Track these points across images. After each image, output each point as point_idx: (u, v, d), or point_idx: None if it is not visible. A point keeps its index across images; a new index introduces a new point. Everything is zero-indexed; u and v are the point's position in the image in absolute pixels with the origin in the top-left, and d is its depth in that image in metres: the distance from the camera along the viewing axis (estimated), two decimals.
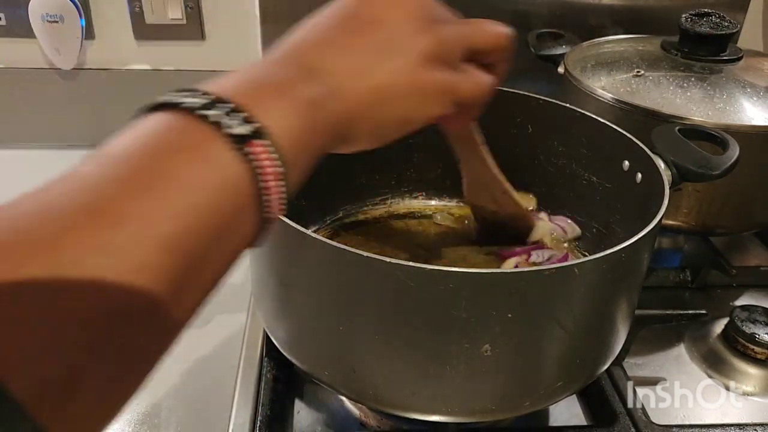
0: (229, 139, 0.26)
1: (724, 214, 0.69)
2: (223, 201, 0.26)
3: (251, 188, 0.27)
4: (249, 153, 0.26)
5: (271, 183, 0.27)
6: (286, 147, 0.28)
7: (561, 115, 0.62)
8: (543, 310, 0.41)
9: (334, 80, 0.32)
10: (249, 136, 0.27)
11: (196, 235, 0.25)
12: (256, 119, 0.27)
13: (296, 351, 0.49)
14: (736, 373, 0.61)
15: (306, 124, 0.30)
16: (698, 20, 0.72)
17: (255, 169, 0.27)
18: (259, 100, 0.28)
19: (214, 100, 0.27)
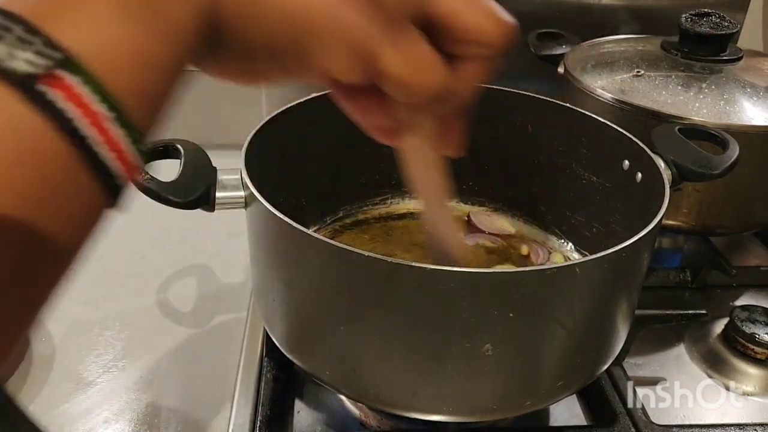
0: (12, 82, 0.18)
1: (724, 214, 0.69)
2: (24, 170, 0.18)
3: (61, 145, 0.19)
4: (46, 98, 0.18)
5: (95, 132, 0.19)
6: (109, 71, 0.19)
7: (561, 115, 0.62)
8: (543, 310, 0.41)
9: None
10: (41, 73, 0.18)
11: None
12: (54, 40, 0.18)
13: (297, 351, 0.49)
14: (736, 373, 0.61)
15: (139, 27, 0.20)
16: (698, 20, 0.72)
17: (61, 120, 0.18)
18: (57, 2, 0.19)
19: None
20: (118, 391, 0.56)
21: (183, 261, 0.73)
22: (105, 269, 0.71)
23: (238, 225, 0.52)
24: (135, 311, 0.65)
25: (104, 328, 0.63)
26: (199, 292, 0.69)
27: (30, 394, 0.56)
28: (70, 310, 0.64)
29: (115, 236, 0.75)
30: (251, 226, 0.49)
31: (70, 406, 0.55)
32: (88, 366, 0.59)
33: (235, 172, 0.49)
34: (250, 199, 0.47)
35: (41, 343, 0.60)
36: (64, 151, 0.19)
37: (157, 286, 0.69)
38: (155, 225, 0.75)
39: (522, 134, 0.65)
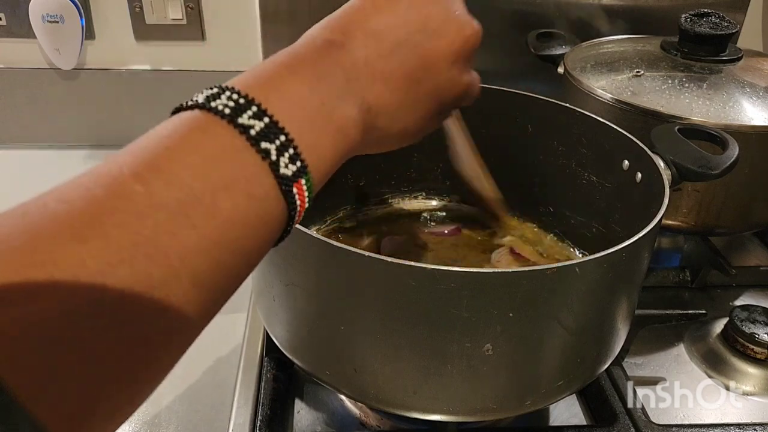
0: (279, 179, 0.27)
1: (724, 214, 0.69)
2: (257, 234, 0.27)
3: (285, 221, 0.28)
4: (293, 194, 0.28)
5: (299, 214, 0.29)
6: (317, 179, 0.29)
7: (561, 115, 0.62)
8: (544, 310, 0.41)
9: (378, 118, 0.34)
10: (294, 177, 0.28)
11: (224, 269, 0.26)
12: (302, 155, 0.28)
13: (297, 350, 0.49)
14: (736, 373, 0.61)
15: (337, 154, 0.31)
16: (698, 20, 0.72)
17: (292, 205, 0.28)
18: (306, 128, 0.29)
19: (269, 126, 0.27)
20: None
21: None
22: None
23: None
24: None
25: None
26: None
27: None
28: None
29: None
30: None
31: None
32: None
33: None
34: None
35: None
36: (282, 221, 0.28)
37: None
38: None
39: (522, 134, 0.65)
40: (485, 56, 0.94)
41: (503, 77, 0.94)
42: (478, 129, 0.67)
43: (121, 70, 0.94)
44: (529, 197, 0.69)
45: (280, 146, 0.27)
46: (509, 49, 0.92)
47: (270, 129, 0.27)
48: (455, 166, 0.62)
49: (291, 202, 0.28)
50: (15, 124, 0.97)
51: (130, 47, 0.93)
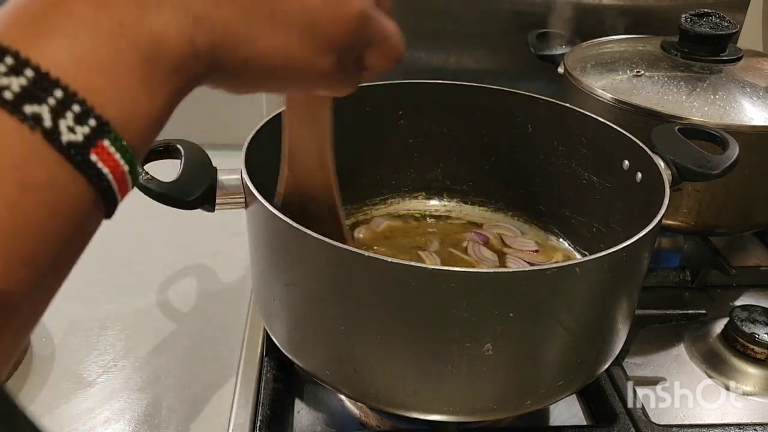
0: (63, 150, 0.20)
1: (724, 214, 0.69)
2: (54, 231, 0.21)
3: (95, 198, 0.22)
4: (93, 163, 0.21)
5: (115, 184, 0.22)
6: (134, 133, 0.22)
7: (561, 115, 0.62)
8: (544, 310, 0.41)
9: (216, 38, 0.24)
10: (88, 141, 0.21)
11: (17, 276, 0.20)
12: (97, 109, 0.21)
13: (297, 350, 0.49)
14: (736, 373, 0.61)
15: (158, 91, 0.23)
16: (698, 20, 0.72)
17: (98, 178, 0.21)
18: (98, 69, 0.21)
19: (36, 81, 0.20)
20: (118, 391, 0.56)
21: (183, 261, 0.73)
22: (105, 269, 0.71)
23: (238, 225, 0.52)
24: (135, 311, 0.65)
25: (104, 328, 0.63)
26: (199, 292, 0.69)
27: (30, 394, 0.55)
28: (70, 310, 0.64)
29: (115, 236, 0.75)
30: (251, 226, 0.49)
31: (70, 406, 0.55)
32: (88, 366, 0.59)
33: (235, 172, 0.49)
34: (250, 200, 0.47)
35: (41, 343, 0.60)
36: (92, 198, 0.22)
37: (157, 286, 0.69)
38: (155, 225, 0.75)
39: (522, 134, 0.65)
40: (485, 56, 0.94)
41: (503, 77, 0.94)
42: (478, 129, 0.67)
43: None
44: (529, 197, 0.69)
45: (58, 105, 0.20)
46: (509, 49, 0.92)
47: (37, 84, 0.20)
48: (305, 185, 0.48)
49: (94, 175, 0.21)
50: None
51: None
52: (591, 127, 0.60)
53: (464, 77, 0.67)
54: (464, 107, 0.66)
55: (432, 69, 0.93)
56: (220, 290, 0.70)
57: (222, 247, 0.75)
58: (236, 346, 0.61)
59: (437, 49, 0.93)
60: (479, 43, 0.93)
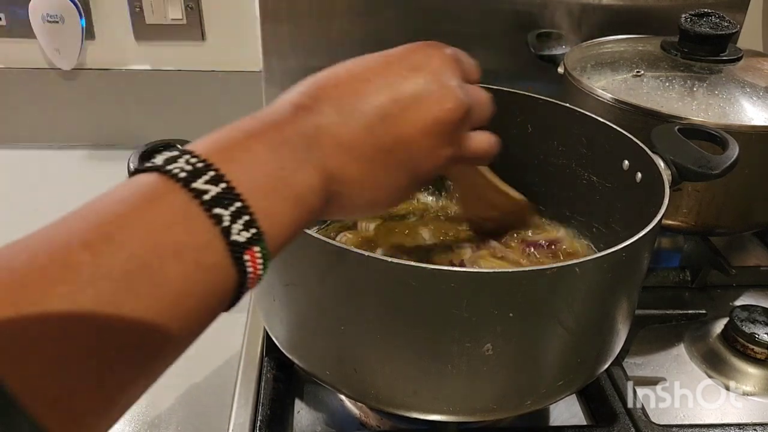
0: (230, 246, 0.26)
1: (724, 214, 0.69)
2: (205, 302, 0.27)
3: (235, 289, 0.28)
4: (245, 261, 0.27)
5: (251, 282, 0.28)
6: (273, 246, 0.29)
7: (561, 115, 0.62)
8: (544, 310, 0.41)
9: (342, 186, 0.33)
10: (248, 243, 0.27)
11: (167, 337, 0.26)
12: (258, 222, 0.27)
13: (297, 351, 0.49)
14: (736, 373, 0.61)
15: (295, 221, 0.30)
16: (698, 20, 0.72)
17: (243, 273, 0.27)
18: (263, 194, 0.28)
19: (225, 192, 0.26)
20: None
21: None
22: None
23: None
24: None
25: None
26: None
27: None
28: None
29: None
30: None
31: None
32: None
33: None
34: None
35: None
36: (231, 289, 0.28)
37: None
38: None
39: (522, 134, 0.65)
40: (485, 56, 0.94)
41: (503, 77, 0.93)
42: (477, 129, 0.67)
43: (121, 70, 0.94)
44: (529, 197, 0.69)
45: (235, 212, 0.26)
46: (509, 49, 0.92)
47: (225, 195, 0.26)
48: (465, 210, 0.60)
49: (242, 270, 0.27)
50: (15, 124, 0.97)
51: (130, 47, 0.93)
52: (591, 127, 0.60)
53: None
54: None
55: None
56: None
57: None
58: (236, 346, 0.61)
59: None
60: (479, 43, 0.92)
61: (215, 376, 0.58)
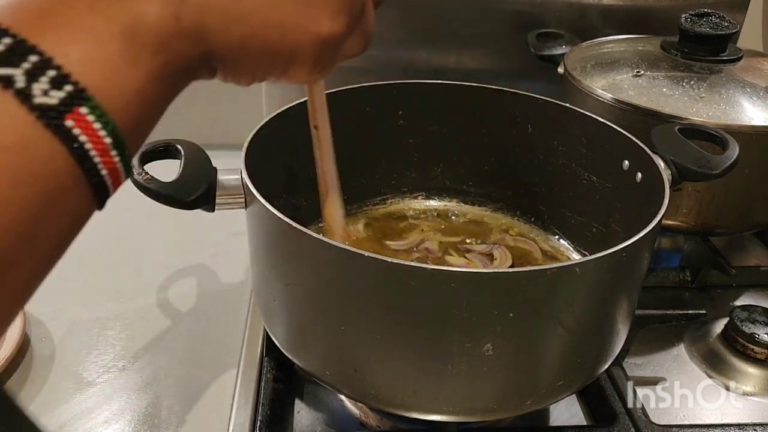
0: (36, 113, 0.20)
1: (724, 214, 0.69)
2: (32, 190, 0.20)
3: (72, 170, 0.21)
4: (68, 129, 0.20)
5: (98, 159, 0.21)
6: (120, 107, 0.22)
7: (561, 115, 0.62)
8: (544, 310, 0.41)
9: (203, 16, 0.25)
10: (63, 107, 0.20)
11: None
12: (74, 76, 0.21)
13: (297, 350, 0.49)
14: (736, 373, 0.61)
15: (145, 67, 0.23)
16: (698, 20, 0.72)
17: (78, 149, 0.21)
18: (80, 39, 0.21)
19: (13, 46, 0.20)
20: (118, 391, 0.56)
21: (183, 261, 0.73)
22: (105, 269, 0.71)
23: (238, 225, 0.52)
24: (135, 311, 0.65)
25: (104, 328, 0.63)
26: (199, 292, 0.69)
27: (30, 394, 0.56)
28: (70, 310, 0.63)
29: (115, 236, 0.75)
30: (251, 226, 0.49)
31: (70, 406, 0.55)
32: (88, 366, 0.59)
33: (235, 172, 0.49)
34: (249, 199, 0.47)
35: (41, 343, 0.60)
36: (70, 173, 0.21)
37: (157, 286, 0.69)
38: (155, 225, 0.75)
39: (522, 134, 0.65)
40: (485, 56, 0.94)
41: (503, 77, 0.94)
42: (478, 129, 0.67)
43: None
44: (529, 197, 0.69)
45: (33, 69, 0.20)
46: (509, 49, 0.92)
47: (14, 50, 0.20)
48: None
49: (70, 142, 0.20)
50: None
51: None
52: (591, 127, 0.60)
53: (464, 77, 0.67)
54: (464, 107, 0.66)
55: (432, 69, 0.93)
56: (220, 290, 0.70)
57: (222, 247, 0.75)
58: (236, 346, 0.61)
59: (437, 49, 0.93)
60: (479, 43, 0.92)
61: (215, 377, 0.58)
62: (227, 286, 0.70)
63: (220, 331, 0.64)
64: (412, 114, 0.67)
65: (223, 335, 0.63)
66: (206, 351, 0.61)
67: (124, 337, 0.62)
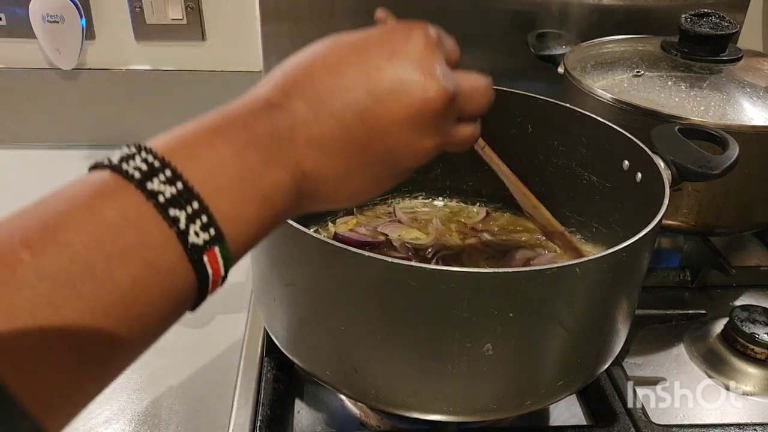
0: (187, 248, 0.25)
1: (724, 214, 0.69)
2: (161, 306, 0.25)
3: (195, 292, 0.27)
4: (204, 263, 0.26)
5: (214, 284, 0.28)
6: (236, 247, 0.28)
7: (561, 115, 0.62)
8: (544, 310, 0.41)
9: (316, 185, 0.31)
10: (206, 245, 0.26)
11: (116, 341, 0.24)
12: (218, 223, 0.26)
13: (297, 350, 0.49)
14: (736, 373, 0.61)
15: (262, 221, 0.29)
16: (698, 20, 0.72)
17: (203, 276, 0.26)
18: (224, 195, 0.27)
19: (181, 192, 0.25)
20: (118, 391, 0.56)
21: None
22: None
23: None
24: None
25: None
26: None
27: None
28: None
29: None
30: None
31: None
32: None
33: None
34: None
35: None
36: (191, 290, 0.27)
37: None
38: None
39: (522, 134, 0.65)
40: (485, 56, 0.94)
41: (503, 77, 0.93)
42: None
43: (121, 70, 0.94)
44: None
45: (192, 214, 0.25)
46: (509, 49, 0.92)
47: (182, 195, 0.25)
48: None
49: (201, 273, 0.26)
50: (15, 124, 0.97)
51: (130, 47, 0.93)
52: (591, 127, 0.60)
53: None
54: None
55: None
56: (220, 290, 0.70)
57: None
58: (236, 346, 0.61)
59: None
60: (479, 43, 0.92)
61: (215, 377, 0.58)
62: (227, 286, 0.70)
63: (220, 331, 0.64)
64: None
65: (223, 335, 0.63)
66: (206, 351, 0.61)
67: None
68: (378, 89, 0.32)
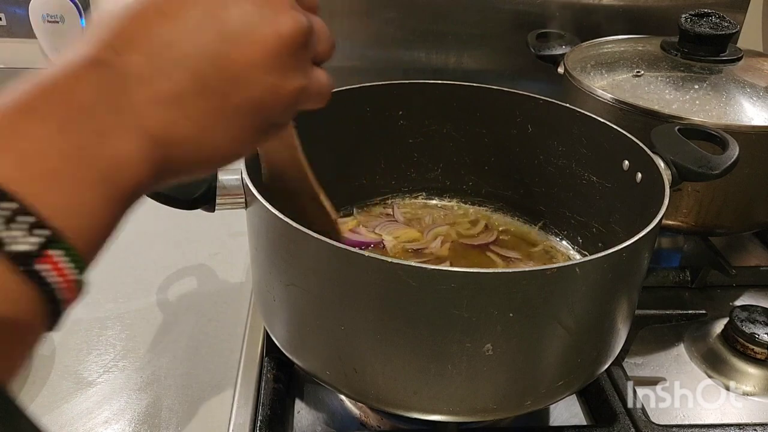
0: (11, 259, 0.21)
1: (724, 214, 0.69)
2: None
3: (44, 306, 0.23)
4: (38, 273, 0.22)
5: (65, 293, 0.23)
6: (86, 242, 0.24)
7: (561, 115, 0.62)
8: (544, 310, 0.41)
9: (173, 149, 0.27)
10: (38, 251, 0.22)
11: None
12: (48, 221, 0.22)
13: (297, 350, 0.49)
14: (736, 373, 0.61)
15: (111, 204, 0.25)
16: (698, 20, 0.72)
17: (46, 287, 0.22)
18: (54, 186, 0.22)
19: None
20: (118, 391, 0.56)
21: (183, 261, 0.73)
22: (105, 269, 0.70)
23: (238, 225, 0.52)
24: (135, 311, 0.65)
25: (104, 328, 0.63)
26: (199, 292, 0.69)
27: (30, 394, 0.56)
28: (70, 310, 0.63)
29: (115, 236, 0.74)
30: (251, 226, 0.49)
31: (70, 406, 0.55)
32: (88, 366, 0.59)
33: (235, 173, 0.49)
34: (250, 200, 0.47)
35: (41, 343, 0.60)
36: (32, 307, 0.22)
37: (157, 286, 0.69)
38: (155, 225, 0.75)
39: (522, 134, 0.65)
40: (485, 56, 0.94)
41: (503, 77, 0.94)
42: (478, 129, 0.67)
43: None
44: (529, 197, 0.69)
45: (9, 216, 0.21)
46: (509, 49, 0.92)
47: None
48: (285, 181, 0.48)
49: (42, 284, 0.22)
50: None
51: None
52: (591, 127, 0.60)
53: (464, 77, 0.68)
54: (464, 107, 0.66)
55: (432, 69, 0.94)
56: (220, 290, 0.70)
57: (222, 247, 0.75)
58: (236, 346, 0.61)
59: (437, 49, 0.93)
60: (479, 43, 0.93)
61: (215, 377, 0.58)
62: (227, 286, 0.70)
63: (220, 331, 0.64)
64: (412, 114, 0.67)
65: (223, 335, 0.63)
66: (206, 351, 0.61)
67: (124, 337, 0.62)
68: (228, 29, 0.27)
